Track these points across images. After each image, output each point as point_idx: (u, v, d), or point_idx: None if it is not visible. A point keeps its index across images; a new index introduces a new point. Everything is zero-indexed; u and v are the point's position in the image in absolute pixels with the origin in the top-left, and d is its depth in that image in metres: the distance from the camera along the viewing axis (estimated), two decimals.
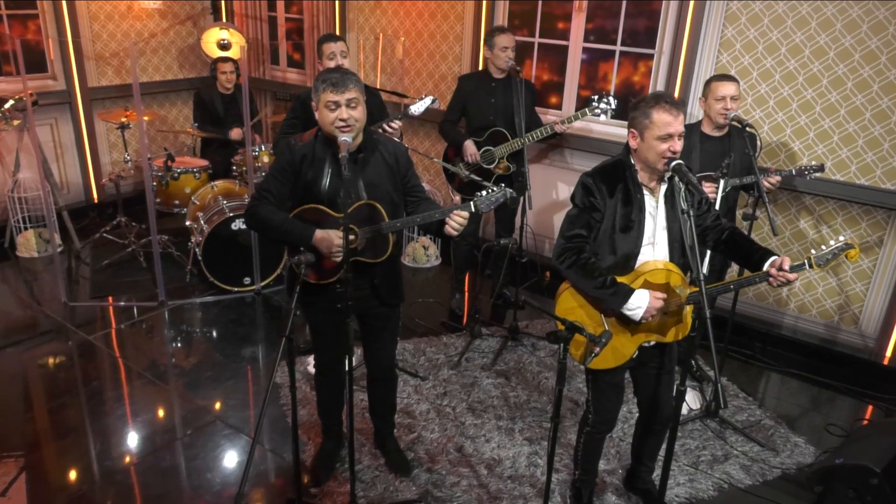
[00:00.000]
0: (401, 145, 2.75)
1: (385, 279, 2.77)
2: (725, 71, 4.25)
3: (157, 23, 6.29)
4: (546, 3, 4.91)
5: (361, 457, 3.24)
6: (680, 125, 2.33)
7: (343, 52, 3.71)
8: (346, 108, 2.49)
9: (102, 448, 3.28)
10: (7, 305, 4.66)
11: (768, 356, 4.39)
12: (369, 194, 2.63)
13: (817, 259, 2.41)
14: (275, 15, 6.53)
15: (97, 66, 5.95)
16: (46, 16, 5.55)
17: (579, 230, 2.46)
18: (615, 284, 2.40)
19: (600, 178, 2.45)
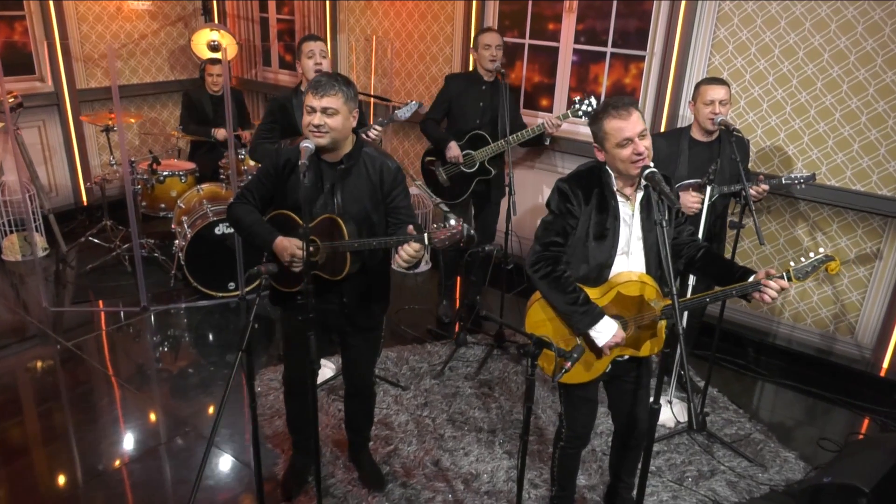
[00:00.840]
0: (391, 162, 2.61)
1: (354, 298, 2.66)
2: (718, 73, 4.14)
3: (147, 24, 6.24)
4: (536, 4, 4.81)
5: (335, 470, 3.16)
6: (635, 125, 2.23)
7: (322, 51, 3.62)
8: (321, 115, 2.41)
9: (73, 457, 3.20)
10: None
11: (762, 366, 4.28)
12: (346, 208, 2.54)
13: (796, 272, 2.31)
14: (266, 16, 6.47)
15: (86, 68, 5.89)
16: (33, 17, 5.50)
17: (555, 237, 2.36)
18: (587, 304, 2.31)
19: (576, 184, 2.36)
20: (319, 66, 3.59)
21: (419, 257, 2.40)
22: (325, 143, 2.44)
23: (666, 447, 3.40)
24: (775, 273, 2.27)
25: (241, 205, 2.57)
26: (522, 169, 5.14)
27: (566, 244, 2.37)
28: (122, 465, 3.17)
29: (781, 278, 2.27)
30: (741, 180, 3.35)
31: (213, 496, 3.01)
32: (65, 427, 3.42)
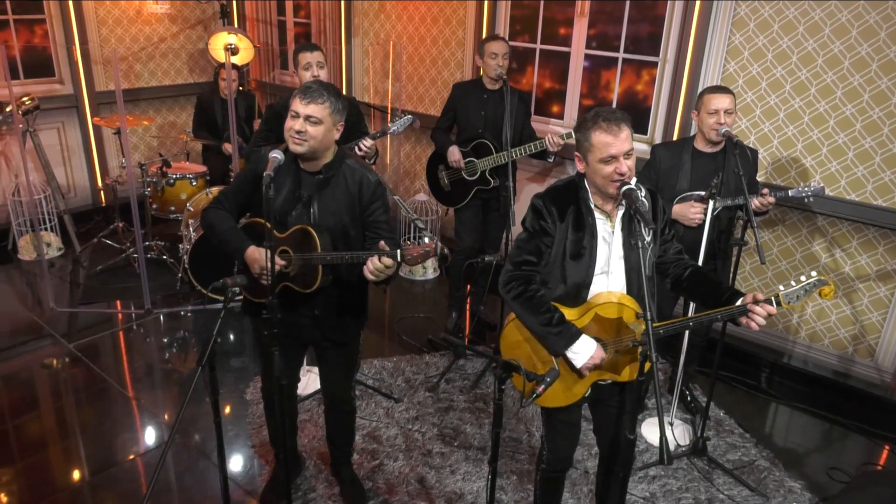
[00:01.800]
0: (371, 175, 2.54)
1: (327, 312, 2.59)
2: (733, 81, 3.97)
3: (166, 27, 6.30)
4: (548, 8, 4.69)
5: (316, 484, 3.10)
6: (623, 143, 2.10)
7: (320, 62, 3.57)
8: (303, 122, 2.35)
9: (58, 460, 3.21)
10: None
11: (774, 388, 4.09)
12: (322, 219, 2.47)
13: (786, 296, 2.16)
14: (284, 19, 6.47)
15: (105, 71, 5.97)
16: (54, 21, 5.59)
17: (528, 256, 2.25)
18: (562, 324, 2.19)
19: (551, 200, 2.25)
20: (317, 77, 3.53)
21: (389, 273, 2.32)
22: (303, 150, 2.38)
23: (663, 472, 3.26)
24: (762, 297, 2.13)
25: (216, 211, 2.52)
26: (535, 180, 5.02)
27: (540, 263, 2.26)
28: (97, 473, 3.16)
29: (770, 303, 2.13)
30: (743, 193, 3.20)
31: None
32: (53, 429, 3.44)
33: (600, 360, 2.22)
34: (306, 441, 3.34)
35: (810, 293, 2.16)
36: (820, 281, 2.16)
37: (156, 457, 3.27)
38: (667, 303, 3.45)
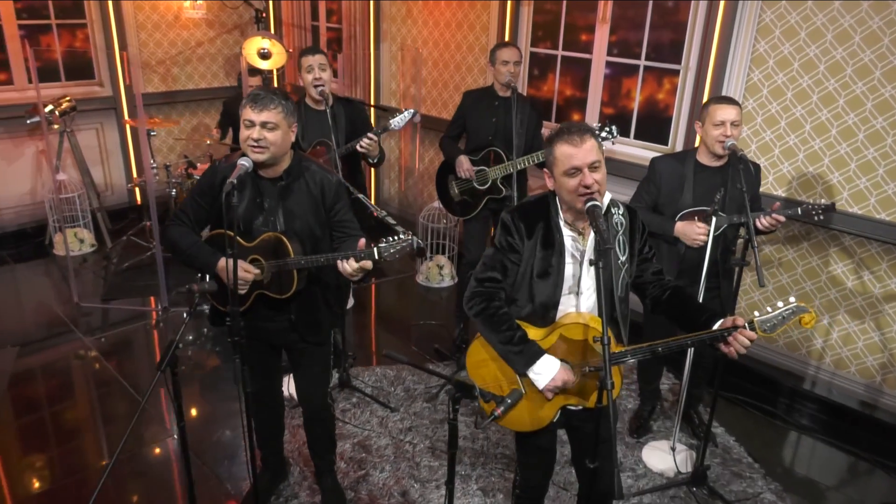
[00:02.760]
0: (331, 176, 2.53)
1: (302, 314, 2.59)
2: (757, 90, 3.78)
3: (203, 32, 6.45)
4: (569, 13, 4.57)
5: (299, 491, 3.08)
6: (587, 154, 2.00)
7: (322, 65, 3.56)
8: (260, 129, 2.34)
9: (58, 452, 3.30)
10: (28, 301, 4.88)
11: (794, 415, 3.86)
12: (288, 225, 2.47)
13: (762, 323, 2.01)
14: (318, 24, 6.54)
15: (143, 74, 6.16)
16: (94, 25, 5.80)
17: (492, 273, 2.18)
18: (523, 343, 2.10)
19: (519, 216, 2.16)
20: (319, 79, 3.53)
21: (366, 270, 2.33)
22: (265, 158, 2.37)
23: (659, 499, 3.11)
24: (742, 322, 1.99)
25: (177, 227, 2.52)
26: None
27: (505, 280, 2.18)
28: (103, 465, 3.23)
29: (743, 328, 1.99)
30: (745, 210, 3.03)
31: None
32: (56, 423, 3.54)
33: (564, 383, 2.11)
34: (296, 446, 3.33)
35: (789, 321, 2.00)
36: (799, 308, 2.01)
37: (148, 454, 3.32)
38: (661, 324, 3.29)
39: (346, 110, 3.73)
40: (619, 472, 1.91)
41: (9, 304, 4.84)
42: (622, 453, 3.42)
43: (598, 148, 2.05)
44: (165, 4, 6.11)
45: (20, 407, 3.67)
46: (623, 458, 3.39)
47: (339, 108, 3.71)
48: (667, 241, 3.16)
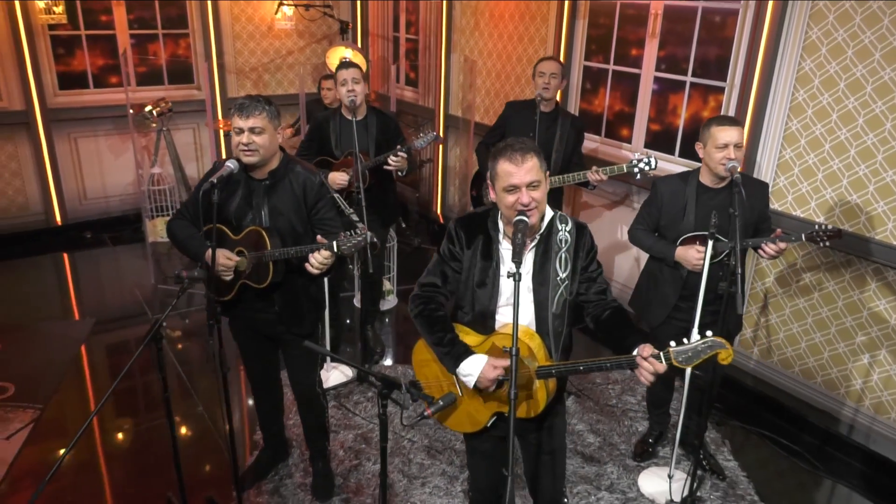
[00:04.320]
0: (314, 177, 2.72)
1: (286, 305, 2.79)
2: (801, 111, 3.59)
3: (294, 41, 6.93)
4: (622, 27, 4.53)
5: (295, 472, 3.31)
6: (526, 174, 2.04)
7: (355, 78, 3.76)
8: (249, 134, 2.58)
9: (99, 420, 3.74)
10: (114, 279, 5.50)
11: (824, 458, 3.60)
12: (272, 221, 2.69)
13: (676, 354, 1.96)
14: (398, 35, 6.83)
15: (237, 80, 6.72)
16: (196, 34, 6.41)
17: (433, 278, 2.27)
18: (451, 344, 2.18)
19: (462, 226, 2.25)
20: (352, 91, 3.74)
21: (329, 264, 2.53)
22: (255, 160, 2.60)
23: None
24: (653, 352, 1.96)
25: (178, 221, 2.80)
26: (600, 204, 4.87)
27: (445, 286, 2.27)
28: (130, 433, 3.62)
29: (659, 359, 1.95)
30: (754, 233, 2.92)
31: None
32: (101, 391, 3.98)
33: (493, 379, 2.15)
34: (299, 431, 3.55)
35: (705, 355, 1.94)
36: (716, 343, 1.94)
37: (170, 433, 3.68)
38: None
39: (378, 121, 3.93)
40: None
41: (98, 281, 5.48)
42: (617, 475, 3.37)
43: (538, 168, 2.08)
44: (260, 16, 6.63)
45: (87, 370, 4.18)
46: (617, 480, 3.34)
47: (371, 119, 3.93)
48: (668, 264, 3.10)
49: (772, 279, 3.89)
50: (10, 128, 5.77)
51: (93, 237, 6.20)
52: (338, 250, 2.46)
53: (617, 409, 3.89)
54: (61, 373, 4.08)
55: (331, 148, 3.92)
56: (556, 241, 2.18)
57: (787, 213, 3.73)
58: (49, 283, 5.63)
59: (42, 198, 6.04)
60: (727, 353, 1.95)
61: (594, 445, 3.58)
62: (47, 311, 4.93)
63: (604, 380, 4.17)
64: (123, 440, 3.59)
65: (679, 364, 1.96)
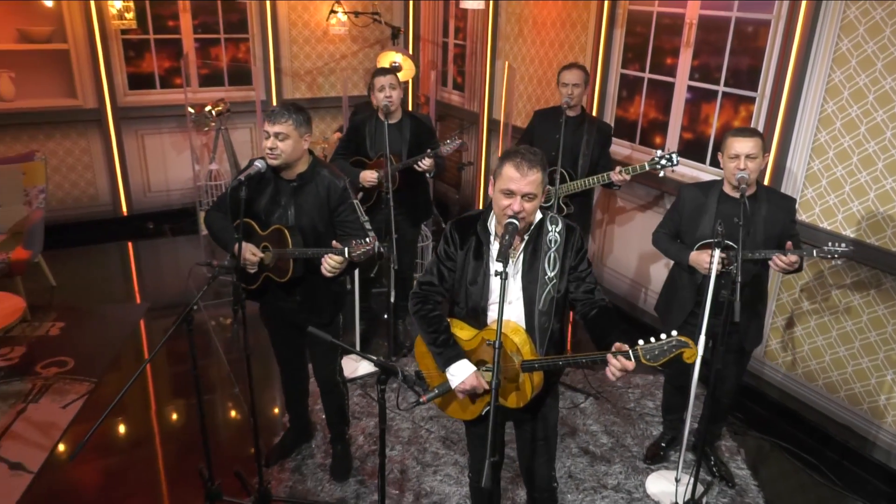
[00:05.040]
0: (338, 181, 2.90)
1: (306, 297, 3.00)
2: (830, 123, 3.57)
3: (347, 46, 7.21)
4: (657, 36, 4.57)
5: (317, 454, 3.53)
6: (526, 185, 2.17)
7: (392, 84, 3.96)
8: (274, 139, 2.80)
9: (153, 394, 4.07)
10: (170, 268, 5.88)
11: (841, 474, 3.56)
12: (296, 220, 2.90)
13: (644, 351, 2.05)
14: (447, 41, 7.02)
15: (293, 82, 7.05)
16: (255, 39, 6.77)
17: (431, 278, 2.43)
18: (444, 346, 2.33)
19: (456, 227, 2.40)
20: (389, 97, 3.94)
21: (341, 268, 2.72)
22: (278, 163, 2.82)
23: None
24: (624, 349, 2.07)
25: (213, 212, 3.04)
26: (632, 207, 4.92)
27: (442, 285, 2.42)
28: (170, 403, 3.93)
29: (628, 356, 2.06)
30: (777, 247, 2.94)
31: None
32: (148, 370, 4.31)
33: (472, 388, 2.30)
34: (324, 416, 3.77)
35: (670, 354, 2.03)
36: (680, 343, 2.03)
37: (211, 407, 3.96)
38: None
39: (412, 125, 4.12)
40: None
41: (155, 268, 5.89)
42: (625, 475, 3.44)
43: (539, 183, 2.20)
44: (315, 21, 6.94)
45: (140, 350, 4.53)
46: (625, 480, 3.41)
47: (405, 122, 4.12)
48: (683, 268, 3.16)
49: (798, 291, 3.87)
50: (85, 124, 6.25)
51: (154, 228, 6.64)
52: (348, 256, 2.63)
53: (634, 413, 3.95)
54: (116, 351, 4.44)
55: (366, 149, 4.13)
56: (545, 242, 2.31)
57: (814, 225, 3.71)
58: (113, 269, 6.08)
59: (110, 190, 6.51)
60: (691, 352, 2.03)
61: (606, 446, 3.65)
62: (109, 295, 5.34)
63: (625, 384, 4.23)
64: (167, 417, 3.89)
65: (647, 361, 2.06)
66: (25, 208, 5.21)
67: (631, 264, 5.03)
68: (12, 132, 5.97)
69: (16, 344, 4.46)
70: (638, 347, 2.07)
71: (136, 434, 3.73)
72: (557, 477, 3.28)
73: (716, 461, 3.47)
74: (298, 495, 3.22)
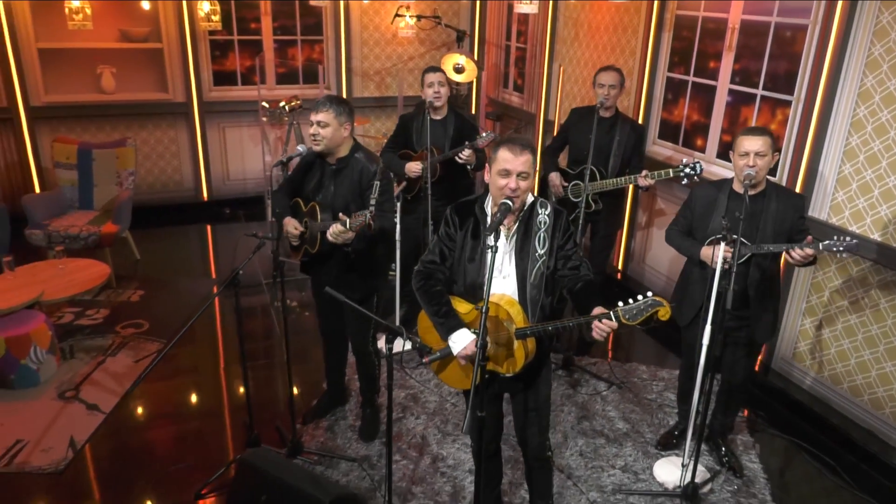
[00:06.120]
0: (371, 165, 3.22)
1: (342, 271, 3.33)
2: (862, 127, 3.61)
3: (415, 48, 7.59)
4: (702, 40, 4.67)
5: (349, 415, 3.87)
6: (521, 165, 2.41)
7: (441, 81, 4.26)
8: (316, 126, 3.16)
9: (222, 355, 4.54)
10: (240, 250, 6.37)
11: (857, 476, 3.58)
12: (334, 198, 3.25)
13: (624, 311, 2.26)
14: (510, 44, 7.27)
15: (362, 81, 7.49)
16: (329, 41, 7.25)
17: (433, 257, 2.69)
18: (446, 317, 2.58)
19: (456, 210, 2.65)
20: (437, 94, 4.25)
21: (344, 237, 3.02)
22: (320, 148, 3.17)
23: (644, 502, 3.28)
24: (605, 311, 2.28)
25: (276, 192, 3.44)
26: (672, 206, 5.02)
27: (444, 263, 2.67)
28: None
29: (610, 318, 2.27)
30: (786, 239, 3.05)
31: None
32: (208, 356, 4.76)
33: (472, 353, 2.54)
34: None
35: (647, 312, 2.23)
36: (655, 302, 2.23)
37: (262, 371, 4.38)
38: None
39: (456, 121, 4.41)
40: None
41: (228, 249, 6.42)
42: (634, 458, 3.60)
43: (531, 163, 2.46)
44: (385, 24, 7.34)
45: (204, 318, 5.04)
46: (633, 462, 3.57)
47: (450, 119, 4.42)
48: (694, 263, 3.30)
49: (827, 294, 3.90)
50: (174, 116, 6.90)
51: (230, 213, 7.22)
52: (347, 226, 2.95)
53: (654, 404, 4.08)
54: (186, 318, 4.94)
55: (412, 143, 4.46)
56: (535, 223, 2.54)
57: (844, 228, 3.74)
58: (191, 247, 6.70)
59: (193, 177, 7.14)
60: (665, 310, 2.24)
61: (621, 431, 3.82)
62: (186, 270, 5.92)
63: (650, 376, 4.37)
64: (227, 376, 4.34)
65: (627, 321, 2.27)
66: (116, 188, 5.85)
67: (668, 263, 5.12)
68: (111, 121, 6.69)
69: (101, 307, 5.05)
70: (618, 309, 2.29)
71: (196, 388, 4.19)
72: (567, 454, 3.52)
73: (727, 452, 3.57)
74: (327, 450, 3.57)
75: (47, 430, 3.68)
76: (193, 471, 3.40)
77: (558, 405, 4.02)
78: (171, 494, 3.28)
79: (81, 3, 5.83)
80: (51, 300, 4.31)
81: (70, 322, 4.82)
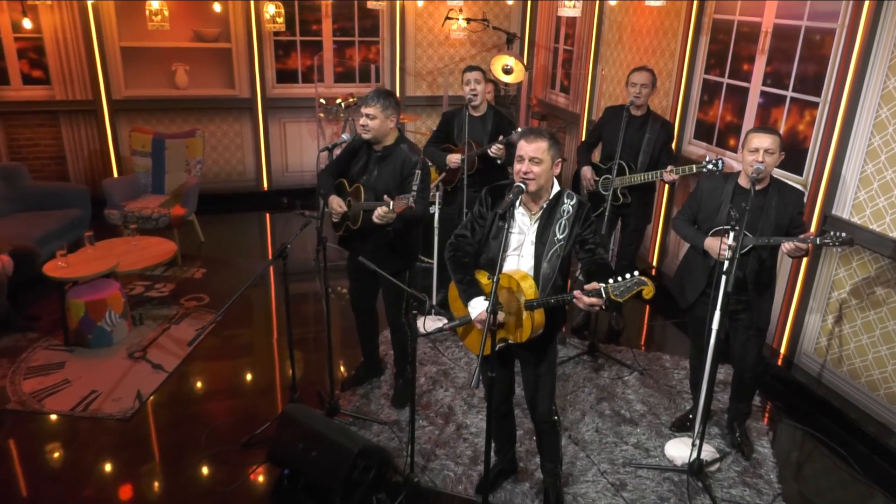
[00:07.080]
0: (413, 155, 3.54)
1: (378, 248, 3.65)
2: (883, 128, 3.72)
3: (467, 49, 7.90)
4: (737, 43, 4.81)
5: (382, 385, 4.20)
6: (532, 151, 2.69)
7: (477, 79, 4.57)
8: (365, 118, 3.50)
9: (275, 327, 4.96)
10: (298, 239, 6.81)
11: (868, 467, 3.68)
12: (377, 183, 3.59)
13: (613, 289, 2.49)
14: (557, 46, 7.50)
15: (415, 81, 7.85)
16: (385, 42, 7.64)
17: (465, 231, 2.99)
18: (469, 284, 2.87)
19: (490, 192, 2.94)
20: (474, 90, 4.56)
21: (388, 217, 3.34)
22: (368, 137, 3.52)
23: (648, 476, 3.48)
24: (596, 287, 2.53)
25: (323, 173, 3.78)
26: None
27: (473, 237, 2.96)
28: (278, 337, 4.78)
29: (599, 295, 2.51)
30: (784, 233, 3.22)
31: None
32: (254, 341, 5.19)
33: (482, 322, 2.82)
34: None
35: (634, 289, 2.46)
36: (640, 280, 2.46)
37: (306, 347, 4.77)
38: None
39: (494, 118, 4.70)
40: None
41: (285, 235, 6.86)
42: (647, 437, 3.80)
43: (545, 150, 2.72)
44: (439, 27, 7.69)
45: (260, 294, 5.47)
46: (646, 440, 3.77)
47: (489, 115, 4.71)
48: (698, 252, 3.49)
49: (847, 290, 4.00)
50: (239, 111, 7.42)
51: (288, 202, 7.70)
52: (391, 208, 3.27)
53: (674, 391, 4.26)
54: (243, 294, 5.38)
55: (453, 137, 4.77)
56: (559, 211, 2.80)
57: (865, 226, 3.85)
58: (251, 232, 7.20)
59: (255, 168, 7.65)
60: (649, 289, 2.47)
61: (638, 412, 4.02)
62: (246, 252, 6.41)
63: (672, 365, 4.54)
64: (279, 344, 4.75)
65: (615, 297, 2.51)
66: (185, 175, 6.39)
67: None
68: (183, 114, 7.25)
69: (168, 282, 5.56)
70: (608, 285, 2.53)
71: (248, 357, 4.61)
72: (584, 430, 3.76)
73: (741, 433, 3.72)
74: (362, 413, 3.91)
75: (118, 384, 4.15)
76: (241, 423, 3.81)
77: (580, 386, 4.25)
78: (220, 443, 3.68)
79: (161, 4, 6.38)
80: (125, 271, 4.81)
81: (141, 294, 5.33)
